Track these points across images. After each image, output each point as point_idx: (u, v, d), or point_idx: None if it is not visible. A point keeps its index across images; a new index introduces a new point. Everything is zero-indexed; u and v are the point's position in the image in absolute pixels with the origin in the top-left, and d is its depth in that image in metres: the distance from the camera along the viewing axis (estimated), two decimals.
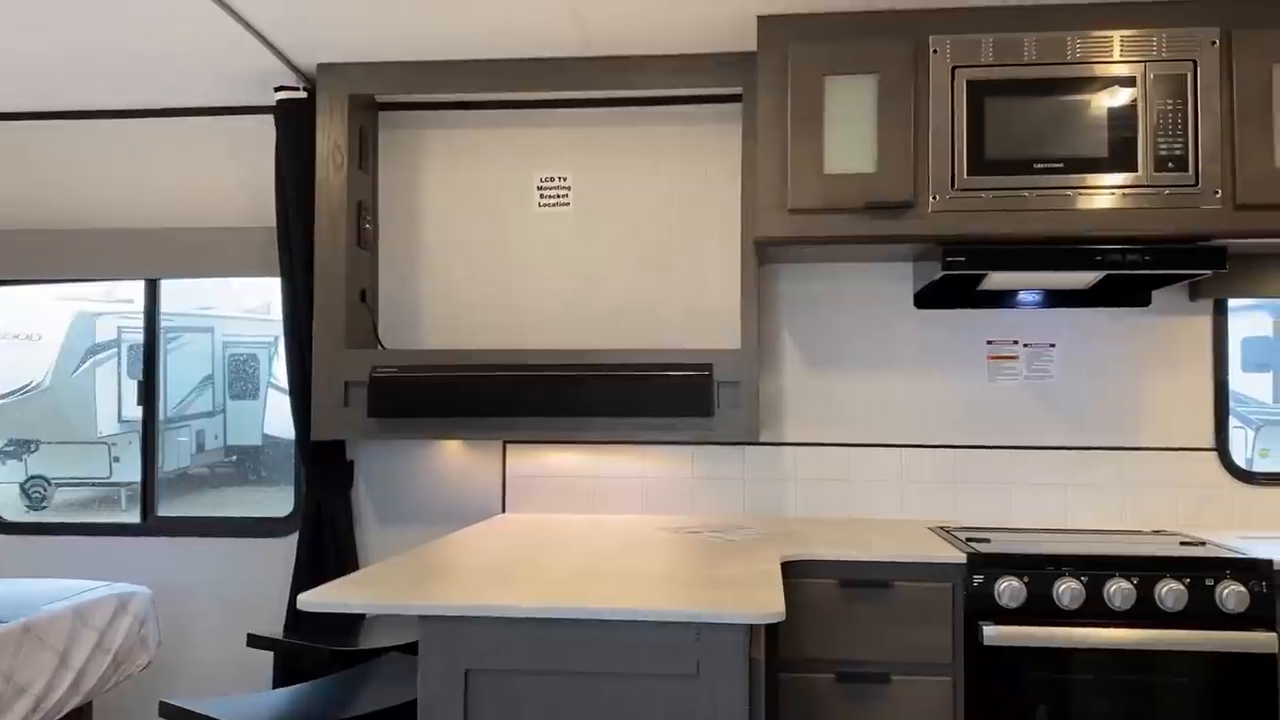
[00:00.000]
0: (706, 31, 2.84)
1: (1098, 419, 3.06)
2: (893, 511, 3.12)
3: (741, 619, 1.82)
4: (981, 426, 3.10)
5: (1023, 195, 2.63)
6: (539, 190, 3.25)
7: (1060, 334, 3.09)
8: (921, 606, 2.44)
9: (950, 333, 3.13)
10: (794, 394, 3.17)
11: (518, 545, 2.58)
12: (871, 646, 2.45)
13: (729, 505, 3.18)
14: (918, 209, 2.67)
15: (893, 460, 3.13)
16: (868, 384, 3.15)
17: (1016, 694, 2.38)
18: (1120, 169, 2.60)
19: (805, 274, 3.19)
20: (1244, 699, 2.33)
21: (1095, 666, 2.37)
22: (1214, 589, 2.36)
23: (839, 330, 3.17)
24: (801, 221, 2.70)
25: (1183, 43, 2.60)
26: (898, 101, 2.67)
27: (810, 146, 2.69)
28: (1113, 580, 2.38)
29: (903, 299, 3.15)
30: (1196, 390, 3.04)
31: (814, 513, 3.15)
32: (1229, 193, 2.58)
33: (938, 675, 2.43)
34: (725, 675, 1.84)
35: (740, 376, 2.92)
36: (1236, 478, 3.02)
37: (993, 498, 3.08)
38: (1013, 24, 2.66)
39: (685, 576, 2.14)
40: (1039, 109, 2.63)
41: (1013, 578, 2.40)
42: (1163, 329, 3.06)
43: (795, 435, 3.17)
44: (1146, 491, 3.03)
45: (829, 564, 2.48)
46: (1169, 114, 2.60)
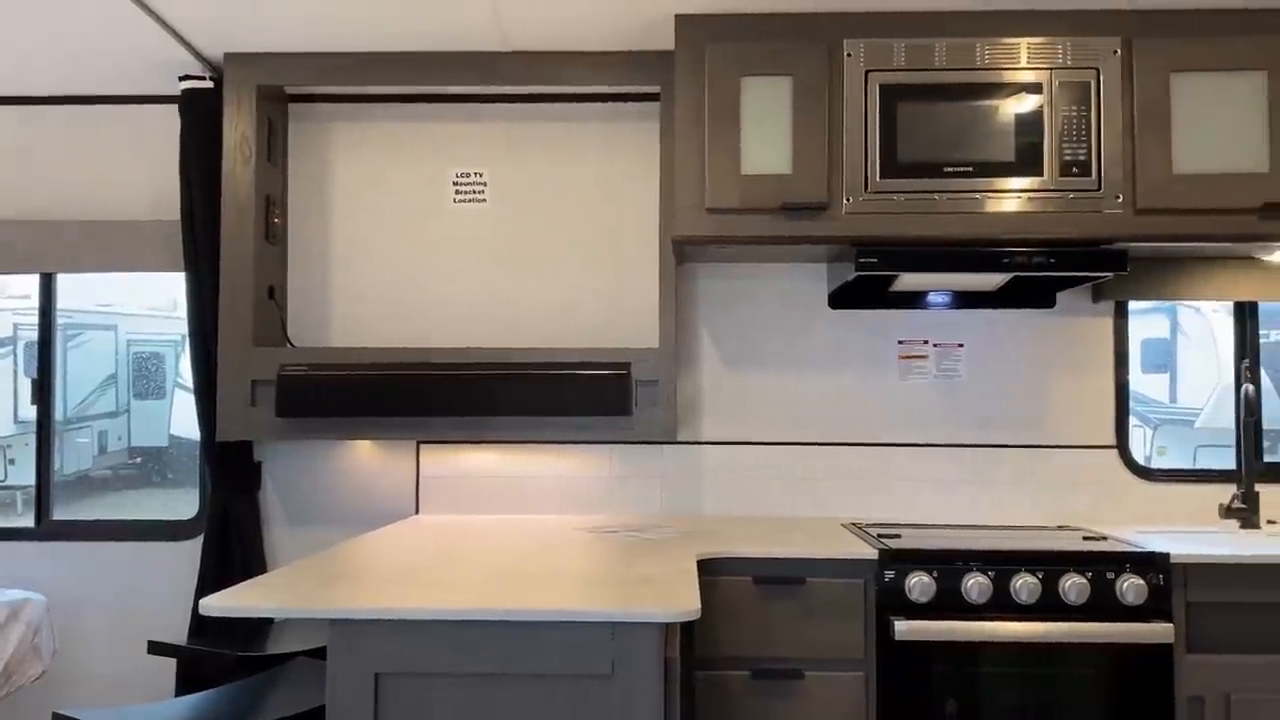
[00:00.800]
0: (625, 29, 2.83)
1: (1004, 417, 3.14)
2: (808, 509, 3.15)
3: (657, 618, 1.81)
4: (893, 424, 3.15)
5: (933, 198, 2.68)
6: (455, 186, 3.20)
7: (968, 334, 3.16)
8: (835, 602, 2.47)
9: (863, 333, 3.17)
10: (712, 393, 3.19)
11: (431, 547, 2.53)
12: (786, 643, 2.47)
13: (647, 504, 3.17)
14: (832, 210, 2.70)
15: (808, 458, 3.16)
16: (784, 383, 3.18)
17: (926, 688, 2.42)
18: (1027, 173, 2.67)
19: (723, 273, 3.20)
20: (1143, 688, 2.41)
21: (1002, 659, 2.43)
22: (1115, 582, 2.43)
23: (756, 329, 3.19)
24: (719, 221, 2.71)
25: (1086, 51, 2.68)
26: (812, 104, 2.70)
27: (728, 146, 2.70)
28: (1019, 575, 2.43)
29: (818, 299, 3.18)
30: (1099, 389, 3.14)
31: (731, 511, 3.16)
32: (1130, 198, 2.67)
33: (850, 671, 2.46)
34: (640, 675, 1.83)
35: (658, 375, 2.91)
36: (1136, 474, 3.12)
37: (904, 494, 3.14)
38: (924, 30, 2.71)
39: (601, 576, 2.13)
40: (949, 114, 2.68)
41: (923, 573, 2.44)
42: (1067, 330, 3.15)
43: (713, 434, 3.18)
44: (1051, 487, 3.12)
45: (744, 561, 2.49)
46: (1073, 120, 2.67)
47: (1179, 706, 2.42)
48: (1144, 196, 2.66)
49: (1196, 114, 2.66)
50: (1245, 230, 2.66)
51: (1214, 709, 2.43)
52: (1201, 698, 2.43)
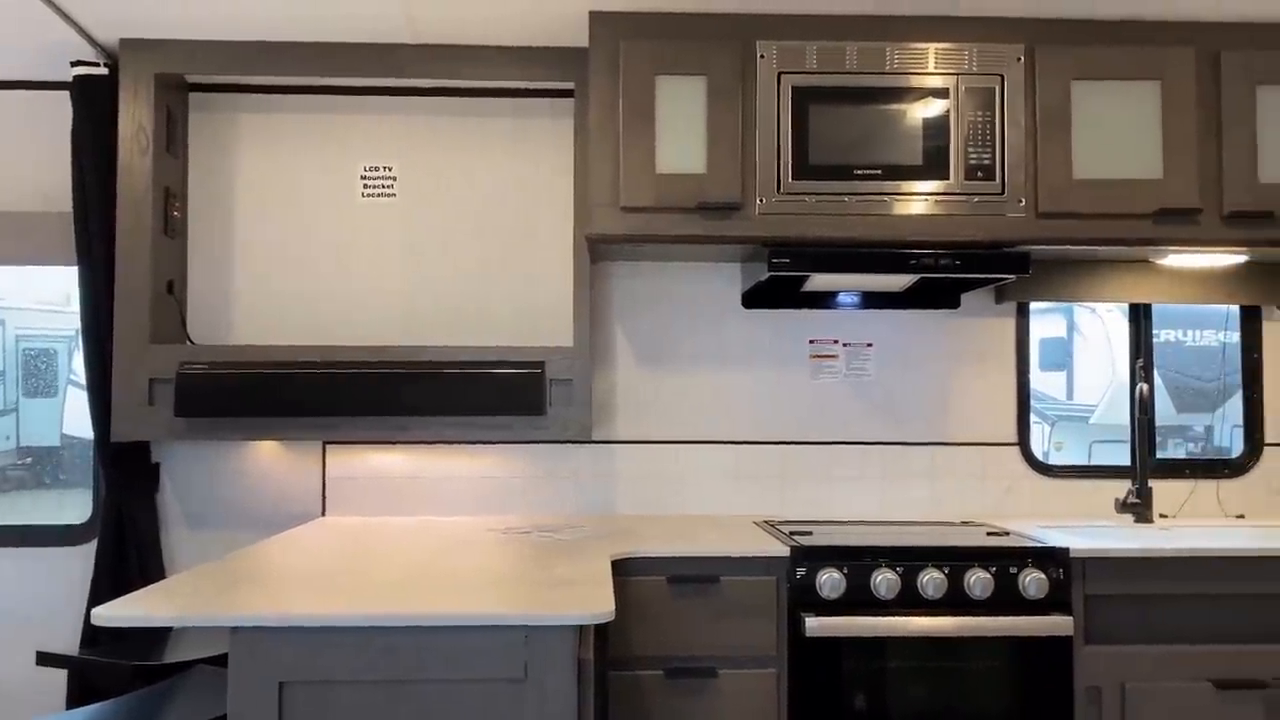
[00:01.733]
0: (539, 24, 2.80)
1: (911, 415, 3.20)
2: (722, 507, 3.17)
3: (571, 620, 1.79)
4: (805, 423, 3.19)
5: (844, 200, 2.71)
6: (363, 180, 3.13)
7: (877, 334, 3.21)
8: (748, 600, 2.49)
9: (776, 332, 3.20)
10: (626, 392, 3.18)
11: (338, 550, 2.47)
12: (699, 642, 2.48)
13: (561, 505, 3.15)
14: (746, 211, 2.71)
15: (722, 457, 3.17)
16: (698, 382, 3.19)
17: (836, 683, 2.46)
18: (934, 177, 2.72)
19: (638, 272, 3.19)
20: (1044, 679, 2.48)
21: (910, 654, 2.47)
22: (1017, 577, 2.49)
23: (671, 328, 3.19)
24: (634, 220, 2.70)
25: (991, 58, 2.74)
26: (726, 104, 2.71)
27: (642, 145, 2.69)
28: (926, 570, 2.48)
29: (732, 298, 3.20)
30: (1001, 387, 3.22)
31: (646, 510, 3.16)
32: (1032, 201, 2.74)
33: (763, 668, 2.48)
34: (554, 677, 1.81)
35: (573, 374, 2.89)
36: (1036, 470, 3.21)
37: (816, 492, 3.17)
38: (835, 33, 2.74)
39: (514, 578, 2.10)
40: (859, 117, 2.71)
41: (833, 570, 2.47)
42: (971, 330, 3.22)
43: (627, 433, 3.17)
44: (956, 483, 3.19)
45: (658, 561, 2.49)
46: (978, 125, 2.73)
47: (1077, 696, 2.50)
48: (1045, 200, 2.73)
49: (1095, 121, 2.75)
50: (1140, 234, 2.75)
51: (1110, 698, 2.51)
52: (1099, 688, 2.51)
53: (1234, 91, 2.74)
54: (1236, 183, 2.74)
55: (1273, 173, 2.74)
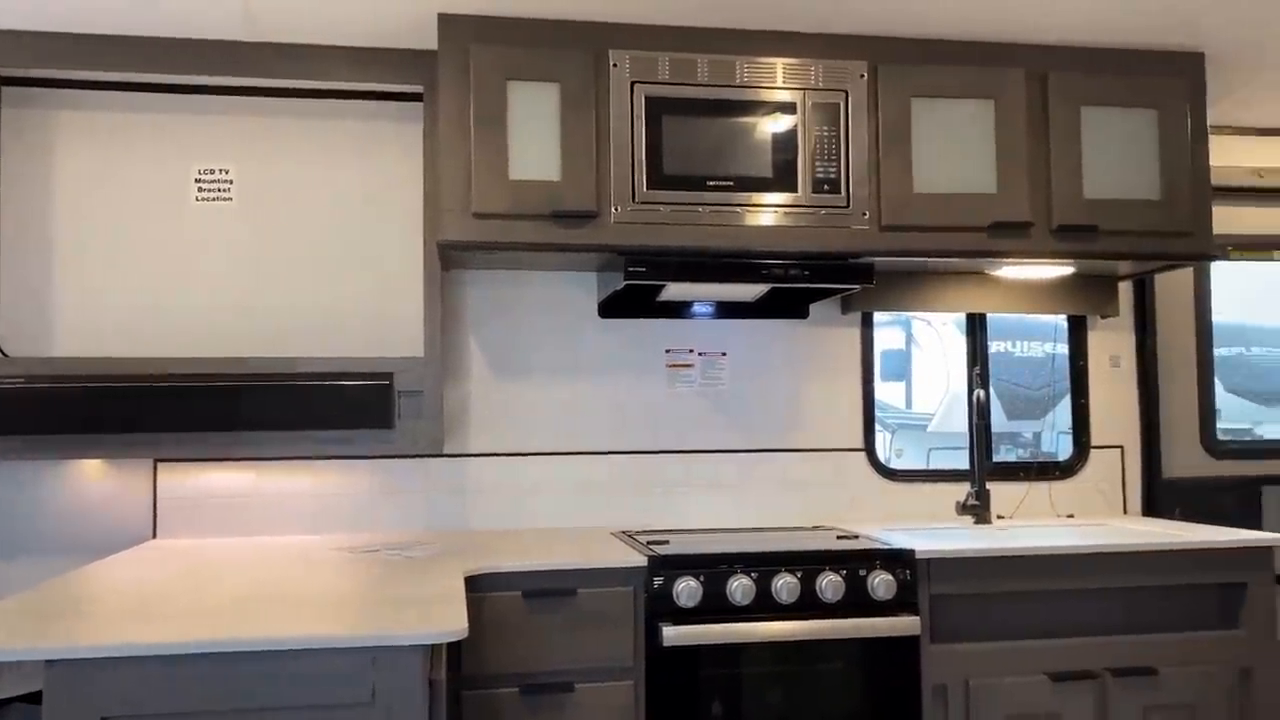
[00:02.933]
0: (387, 25, 2.72)
1: (764, 423, 3.25)
2: (579, 520, 3.13)
3: (421, 639, 1.72)
4: (661, 432, 3.19)
5: (697, 210, 2.73)
6: (197, 183, 2.97)
7: (731, 343, 3.25)
8: (605, 612, 2.46)
9: (632, 342, 3.20)
10: (480, 403, 3.11)
11: (170, 574, 2.32)
12: (556, 656, 2.43)
13: (411, 521, 3.05)
14: (601, 219, 2.70)
15: (578, 468, 3.14)
16: (554, 392, 3.15)
17: (694, 692, 2.45)
18: (783, 189, 2.77)
19: (492, 280, 3.13)
20: (893, 679, 2.54)
21: (766, 659, 2.49)
22: (866, 579, 2.55)
23: (526, 338, 3.14)
24: (486, 226, 2.65)
25: (836, 74, 2.81)
26: (580, 112, 2.69)
27: (494, 151, 2.64)
28: (780, 575, 2.51)
29: (588, 308, 3.18)
30: (848, 395, 3.30)
31: (500, 525, 3.09)
32: (875, 214, 2.82)
33: (620, 680, 2.45)
34: (403, 700, 1.74)
35: (423, 385, 2.81)
36: (881, 475, 3.30)
37: (673, 501, 3.18)
38: (687, 44, 2.76)
39: (361, 598, 2.01)
40: (711, 128, 2.74)
41: (690, 578, 2.47)
42: (819, 339, 3.30)
43: (481, 446, 3.10)
44: (807, 490, 3.25)
45: (513, 576, 2.43)
46: (825, 139, 2.80)
47: (925, 694, 2.57)
48: (888, 214, 2.82)
49: (934, 137, 2.85)
50: (977, 246, 2.87)
51: (955, 695, 2.59)
52: (945, 685, 2.59)
53: (1061, 111, 2.90)
54: (1064, 198, 2.89)
55: (1097, 189, 2.91)
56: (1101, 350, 3.47)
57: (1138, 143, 2.93)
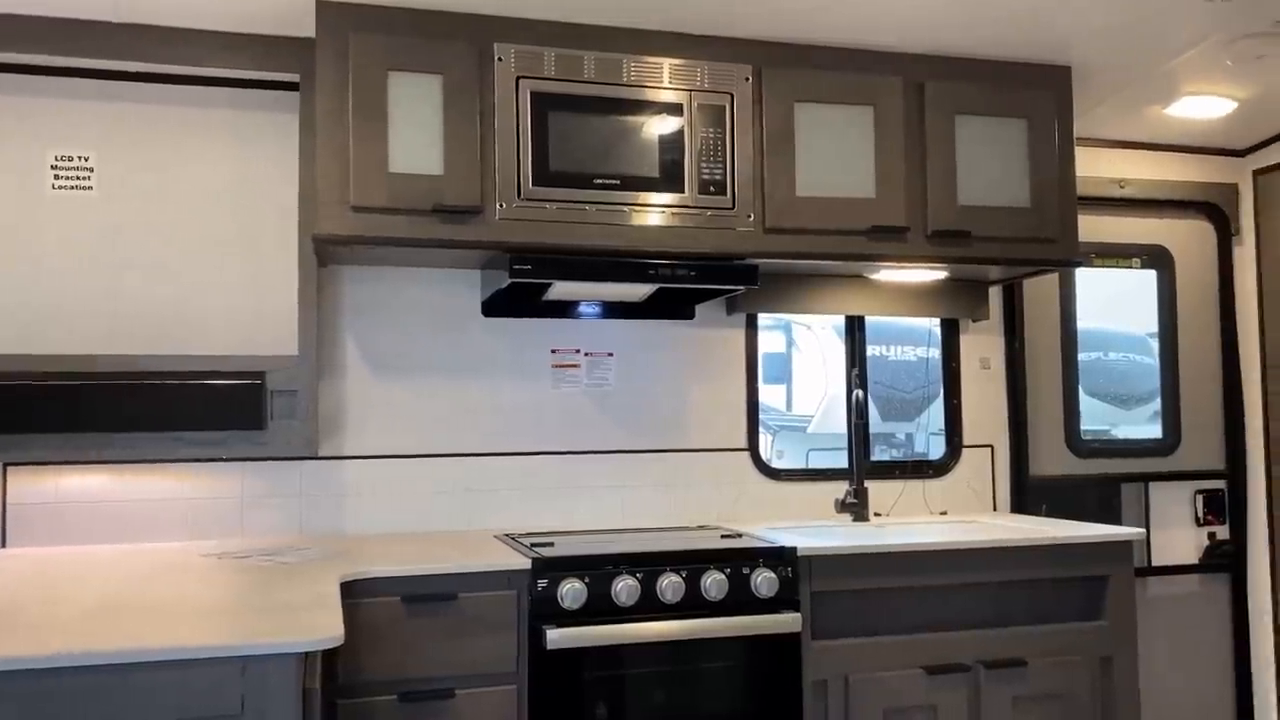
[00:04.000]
0: (263, 10, 2.61)
1: (650, 423, 3.24)
2: (461, 523, 3.07)
3: (294, 647, 1.65)
4: (547, 433, 3.15)
5: (584, 208, 2.71)
6: (53, 170, 2.79)
7: (618, 344, 3.23)
8: (487, 616, 2.41)
9: (517, 341, 3.15)
10: (358, 404, 3.02)
11: (20, 584, 2.17)
12: (437, 662, 2.37)
13: (284, 526, 2.94)
14: (485, 215, 2.65)
15: (461, 470, 3.08)
16: (436, 392, 3.08)
17: (577, 695, 2.42)
18: (669, 189, 2.77)
19: (371, 277, 3.05)
20: (775, 676, 2.56)
21: (650, 659, 2.48)
22: (750, 577, 2.57)
23: (406, 337, 3.07)
24: (365, 220, 2.57)
25: (722, 76, 2.83)
26: (464, 105, 2.63)
27: (374, 143, 2.57)
28: (665, 575, 2.50)
29: (471, 306, 3.12)
30: (733, 396, 3.33)
31: (379, 529, 3.01)
32: (760, 216, 2.85)
33: (503, 685, 2.41)
34: (275, 710, 1.66)
35: (297, 385, 2.71)
36: (765, 474, 3.34)
37: (558, 502, 3.14)
38: (574, 41, 2.74)
39: (229, 606, 1.92)
40: (598, 126, 2.72)
41: (575, 579, 2.44)
42: (705, 340, 3.31)
43: (359, 447, 3.01)
44: (692, 489, 3.26)
45: (391, 580, 2.36)
46: (711, 141, 2.81)
47: (806, 690, 2.60)
48: (772, 216, 2.85)
49: (816, 141, 2.90)
50: (857, 250, 2.93)
51: (835, 690, 2.63)
52: (825, 681, 2.63)
53: (936, 119, 2.98)
54: (939, 204, 2.97)
55: (970, 196, 3.00)
56: (972, 353, 3.58)
57: (1008, 152, 3.04)
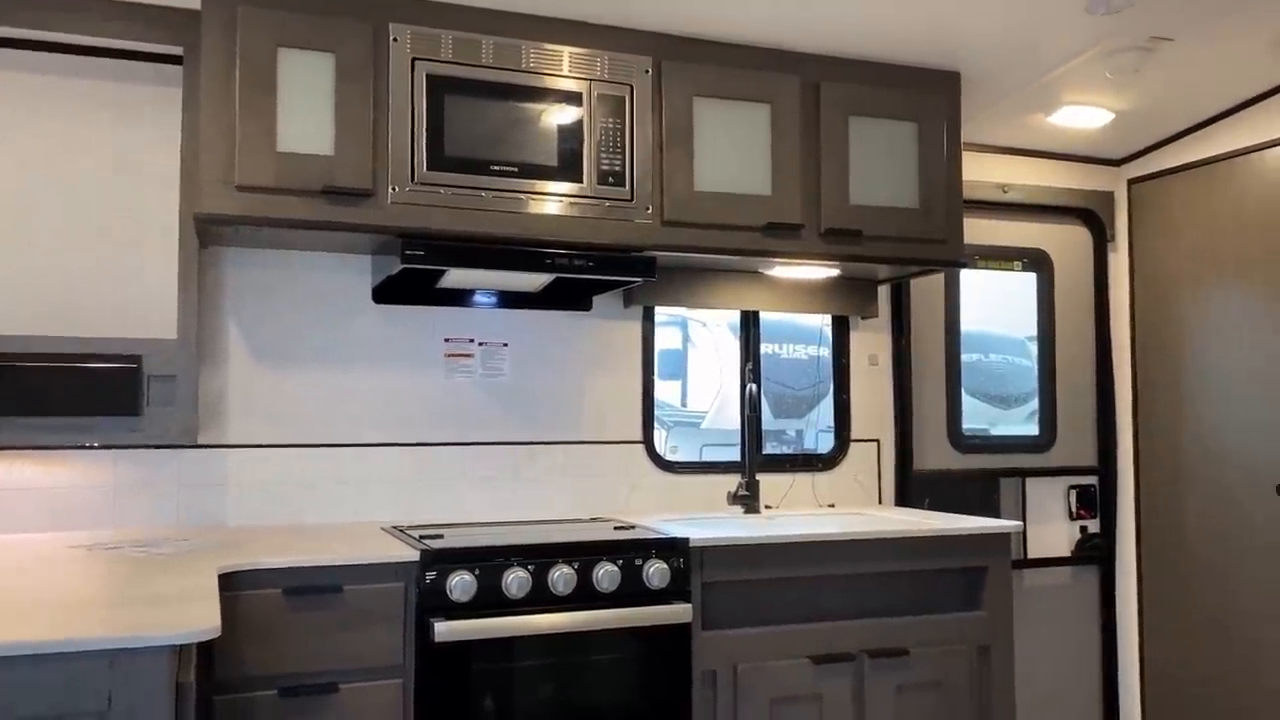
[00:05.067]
0: None
1: (546, 415, 3.22)
2: (348, 515, 2.99)
3: (166, 640, 1.58)
4: (439, 424, 3.10)
5: (480, 195, 2.67)
6: None
7: (513, 334, 3.20)
8: (373, 609, 2.35)
9: (409, 329, 3.09)
10: (240, 391, 2.91)
11: None
12: (320, 656, 2.30)
13: (160, 516, 2.82)
14: (377, 199, 2.59)
15: (348, 461, 3.00)
16: (324, 380, 2.99)
17: (465, 688, 2.39)
18: (568, 179, 2.75)
19: (256, 260, 2.94)
20: (665, 666, 2.57)
21: (541, 651, 2.46)
22: (642, 568, 2.57)
23: (294, 323, 2.97)
24: (251, 200, 2.48)
25: (622, 67, 2.82)
26: (357, 86, 2.57)
27: (262, 120, 2.48)
28: (556, 567, 2.48)
29: (362, 292, 3.04)
30: (628, 388, 3.33)
31: (263, 521, 2.91)
32: (658, 209, 2.85)
33: (389, 679, 2.35)
34: (146, 707, 1.59)
35: (176, 370, 2.60)
36: (660, 467, 3.35)
37: (449, 494, 3.09)
38: (472, 24, 2.69)
39: (99, 598, 1.83)
40: (496, 112, 2.68)
41: (464, 572, 2.40)
42: (602, 332, 3.30)
43: (241, 436, 2.91)
44: (587, 481, 3.25)
45: (273, 573, 2.28)
46: (610, 132, 2.80)
47: (695, 681, 2.61)
48: (670, 209, 2.86)
49: (715, 136, 2.91)
50: (752, 246, 2.96)
51: (724, 680, 2.65)
52: (714, 671, 2.65)
53: (831, 119, 3.03)
54: (832, 202, 3.02)
55: (862, 195, 3.06)
56: (862, 350, 3.66)
57: (899, 153, 3.11)
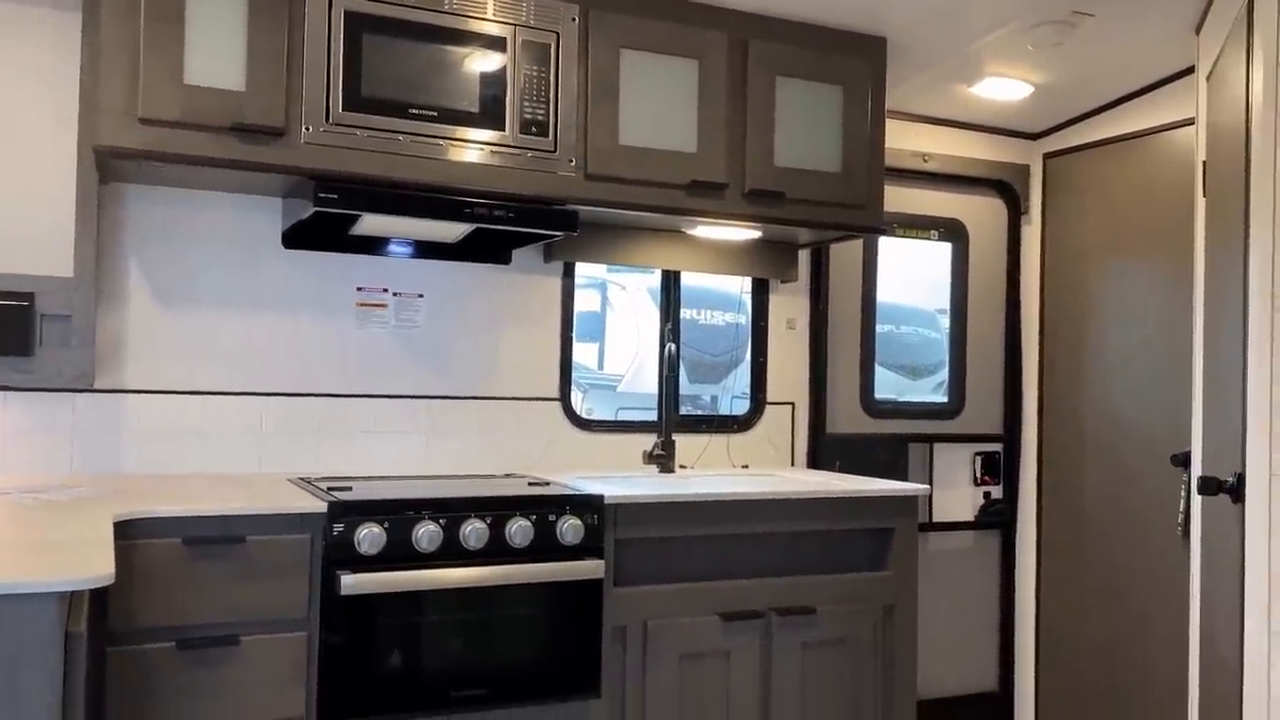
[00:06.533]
0: None
1: (461, 369, 3.16)
2: (254, 465, 2.91)
3: (54, 586, 1.51)
4: (350, 375, 3.02)
5: (397, 139, 2.59)
6: None
7: (428, 286, 3.13)
8: (277, 561, 2.29)
9: (320, 277, 3.00)
10: (141, 334, 2.80)
11: None
12: (220, 608, 2.24)
13: (54, 463, 2.70)
14: (289, 138, 2.49)
15: (254, 410, 2.91)
16: (230, 326, 2.89)
17: (373, 641, 2.35)
18: (489, 126, 2.68)
19: (161, 198, 2.82)
20: (576, 622, 2.56)
21: (451, 606, 2.43)
22: (555, 524, 2.55)
23: (198, 264, 2.86)
24: (154, 134, 2.37)
25: (548, 14, 2.76)
26: (270, 19, 2.46)
27: (168, 50, 2.36)
28: (468, 521, 2.45)
29: (271, 236, 2.94)
30: (546, 345, 3.29)
31: (163, 469, 2.81)
32: (581, 161, 2.81)
33: (292, 631, 2.30)
34: (31, 657, 1.51)
35: (71, 310, 2.48)
36: (576, 425, 3.32)
37: (360, 447, 3.02)
38: None
39: None
40: (416, 54, 2.60)
41: (373, 524, 2.35)
42: (520, 286, 3.25)
43: (141, 381, 2.80)
44: (502, 437, 3.21)
45: (172, 521, 2.21)
46: (534, 80, 2.74)
47: (606, 636, 2.61)
48: (593, 162, 2.81)
49: (641, 90, 2.87)
50: (676, 204, 2.94)
51: (634, 636, 2.66)
52: (624, 627, 2.65)
53: (758, 78, 3.01)
54: (756, 163, 3.01)
55: (786, 157, 3.05)
56: (780, 314, 3.68)
57: (824, 117, 3.11)
